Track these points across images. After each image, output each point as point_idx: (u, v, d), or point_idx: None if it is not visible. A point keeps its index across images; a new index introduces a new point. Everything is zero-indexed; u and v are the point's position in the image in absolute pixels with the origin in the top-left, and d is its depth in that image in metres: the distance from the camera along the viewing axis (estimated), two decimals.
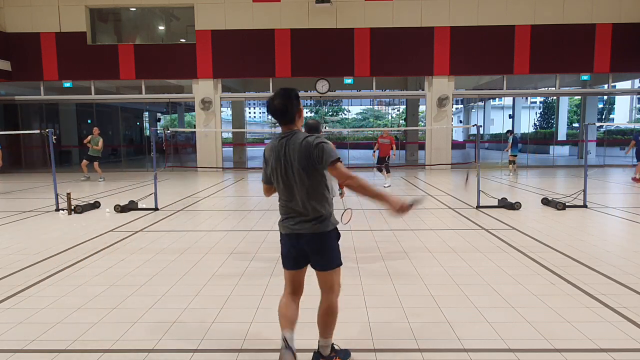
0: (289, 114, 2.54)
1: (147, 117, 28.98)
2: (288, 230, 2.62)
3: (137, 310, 3.72)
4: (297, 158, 2.50)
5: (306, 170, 2.50)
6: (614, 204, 9.07)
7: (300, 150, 2.49)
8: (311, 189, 2.54)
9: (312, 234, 2.56)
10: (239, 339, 3.20)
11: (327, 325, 2.71)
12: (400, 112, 41.20)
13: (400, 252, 5.48)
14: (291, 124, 2.58)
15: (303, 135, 2.55)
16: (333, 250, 2.64)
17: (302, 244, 2.60)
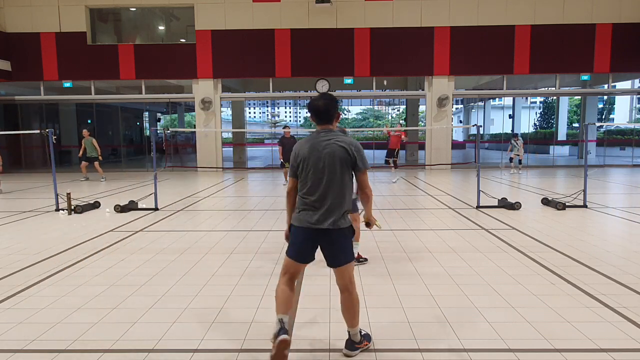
0: (330, 114, 2.84)
1: (147, 117, 28.98)
2: (306, 224, 2.76)
3: (137, 310, 3.72)
4: (334, 155, 2.72)
5: (340, 168, 2.73)
6: (614, 204, 9.07)
7: (339, 148, 2.73)
8: (339, 185, 2.75)
9: (333, 229, 2.74)
10: (239, 339, 3.20)
11: (354, 316, 2.90)
12: (400, 112, 41.20)
13: (400, 252, 5.48)
14: (329, 124, 2.85)
15: (341, 135, 2.80)
16: (349, 245, 2.84)
17: (319, 238, 2.78)
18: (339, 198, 2.76)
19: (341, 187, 2.76)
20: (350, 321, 2.92)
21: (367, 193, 2.84)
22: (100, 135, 22.93)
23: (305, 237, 2.79)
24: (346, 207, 2.79)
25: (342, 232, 2.77)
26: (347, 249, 2.83)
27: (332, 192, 2.74)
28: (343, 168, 2.75)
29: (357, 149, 2.77)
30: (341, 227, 2.76)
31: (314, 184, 2.76)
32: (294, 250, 2.86)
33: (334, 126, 2.91)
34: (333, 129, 2.88)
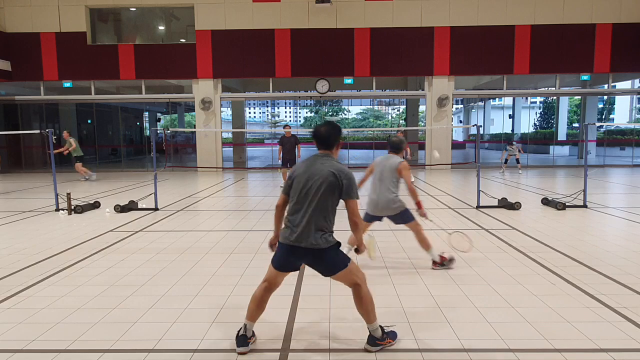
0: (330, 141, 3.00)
1: (147, 117, 28.99)
2: (288, 242, 2.90)
3: (137, 310, 3.72)
4: (324, 180, 2.86)
5: (327, 193, 2.86)
6: (614, 204, 9.07)
7: (330, 175, 2.86)
8: (324, 209, 2.88)
9: (314, 249, 2.86)
10: None
11: (368, 312, 3.02)
12: (400, 112, 41.22)
13: (400, 252, 5.48)
14: (329, 150, 3.01)
15: (337, 163, 2.95)
16: (335, 257, 2.95)
17: (301, 256, 2.92)
18: (320, 221, 2.87)
19: (324, 211, 2.88)
20: (366, 317, 3.03)
21: (355, 222, 2.95)
22: (100, 135, 23.03)
23: (287, 253, 2.94)
24: (327, 229, 2.91)
25: (323, 251, 2.88)
26: (333, 263, 2.94)
27: (315, 214, 2.85)
28: (329, 193, 2.86)
29: (348, 178, 2.88)
30: (322, 247, 2.86)
31: (299, 204, 2.90)
32: (276, 261, 3.01)
33: (334, 154, 3.03)
34: (332, 155, 3.01)
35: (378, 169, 4.86)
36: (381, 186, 4.77)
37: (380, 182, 4.78)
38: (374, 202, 4.81)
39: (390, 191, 4.74)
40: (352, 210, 2.91)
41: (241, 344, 2.98)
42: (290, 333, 3.28)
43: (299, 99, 20.80)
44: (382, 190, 4.76)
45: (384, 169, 4.80)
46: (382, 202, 4.74)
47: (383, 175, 4.78)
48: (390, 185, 4.75)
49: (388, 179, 4.75)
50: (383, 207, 4.76)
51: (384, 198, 4.74)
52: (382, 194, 4.75)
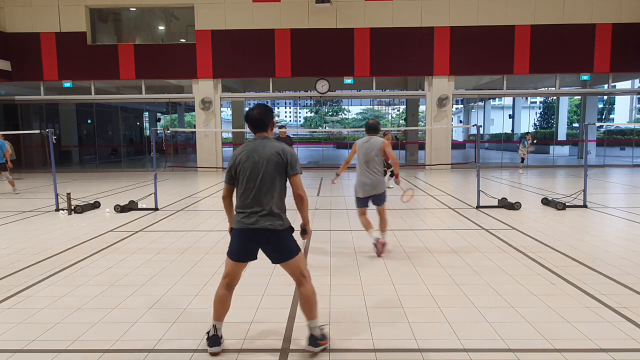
0: (264, 123, 3.03)
1: (147, 117, 28.99)
2: (243, 225, 2.96)
3: (137, 310, 3.72)
4: (269, 161, 2.91)
5: (275, 173, 2.92)
6: (614, 204, 9.07)
7: (274, 154, 2.92)
8: (274, 189, 2.94)
9: (270, 230, 2.91)
10: (239, 339, 3.20)
11: (311, 308, 3.02)
12: (400, 112, 41.22)
13: (400, 252, 5.48)
14: (264, 131, 3.04)
15: (276, 142, 3.01)
16: (289, 241, 3.00)
17: (257, 239, 2.97)
18: (274, 201, 2.93)
19: (276, 191, 2.94)
20: (308, 313, 3.02)
21: (300, 195, 2.96)
22: (100, 135, 23.04)
23: (244, 238, 3.00)
24: (282, 208, 2.98)
25: (278, 233, 2.94)
26: (287, 247, 2.99)
27: (268, 195, 2.92)
28: (277, 173, 2.93)
29: (291, 154, 2.97)
30: (277, 229, 2.92)
31: (250, 188, 2.93)
32: (234, 252, 3.05)
33: (269, 134, 3.09)
34: (268, 136, 3.06)
35: (362, 151, 5.25)
36: (368, 168, 5.20)
37: (368, 164, 5.20)
38: (367, 184, 5.21)
39: (379, 171, 5.21)
40: (297, 184, 2.97)
41: (214, 344, 2.99)
42: (290, 333, 3.28)
43: (299, 99, 20.81)
44: (372, 171, 5.19)
45: (368, 150, 5.21)
46: (375, 182, 5.19)
47: (369, 157, 5.19)
48: (377, 165, 5.21)
49: (375, 160, 5.19)
50: (375, 186, 5.20)
51: (376, 178, 5.19)
52: (373, 175, 5.19)
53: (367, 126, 5.41)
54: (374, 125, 5.38)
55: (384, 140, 5.23)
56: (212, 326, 3.05)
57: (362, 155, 5.23)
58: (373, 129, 5.36)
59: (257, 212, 2.92)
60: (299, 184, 2.97)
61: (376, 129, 5.38)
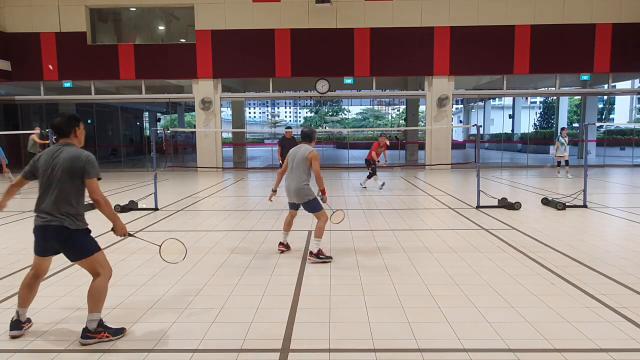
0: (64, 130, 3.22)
1: (147, 117, 28.99)
2: (39, 222, 3.14)
3: (137, 310, 3.72)
4: (62, 166, 3.10)
5: (67, 177, 3.09)
6: (614, 204, 9.07)
7: (68, 160, 3.10)
8: (65, 192, 3.11)
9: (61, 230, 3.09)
10: (239, 339, 3.20)
11: (95, 302, 3.17)
12: (400, 112, 41.22)
13: (400, 252, 5.48)
14: (67, 138, 3.23)
15: (74, 148, 3.19)
16: (82, 243, 3.20)
17: (49, 236, 3.12)
18: (66, 203, 3.11)
19: (67, 194, 3.12)
20: (90, 306, 3.17)
21: (96, 199, 3.18)
22: (100, 135, 23.04)
23: (41, 236, 3.16)
24: (74, 211, 3.15)
25: (70, 233, 3.11)
26: (78, 247, 3.18)
27: (59, 197, 3.10)
28: (69, 177, 3.10)
29: (86, 161, 3.13)
30: (69, 228, 3.10)
31: (45, 190, 3.14)
32: (36, 247, 3.23)
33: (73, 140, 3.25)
34: (71, 142, 3.23)
35: (290, 158, 5.28)
36: (292, 174, 5.18)
37: (291, 171, 5.20)
38: (286, 189, 5.27)
39: (300, 180, 5.11)
40: (92, 189, 3.17)
41: (14, 328, 3.21)
42: (290, 333, 3.28)
43: (299, 99, 20.80)
44: (292, 178, 5.16)
45: (295, 157, 5.20)
46: (293, 189, 5.15)
47: (294, 164, 5.17)
48: (300, 174, 5.12)
49: (299, 168, 5.13)
50: (294, 194, 5.16)
51: (294, 186, 5.13)
52: (292, 182, 5.16)
53: (301, 133, 5.45)
54: (306, 133, 5.38)
55: (312, 151, 5.16)
56: (15, 312, 3.28)
57: (290, 161, 5.26)
58: (306, 137, 5.36)
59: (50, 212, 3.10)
60: (94, 188, 3.16)
61: (309, 137, 5.34)
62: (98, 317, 3.16)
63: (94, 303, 3.16)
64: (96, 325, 3.14)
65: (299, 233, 6.54)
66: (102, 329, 3.16)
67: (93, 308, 3.15)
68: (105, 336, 3.15)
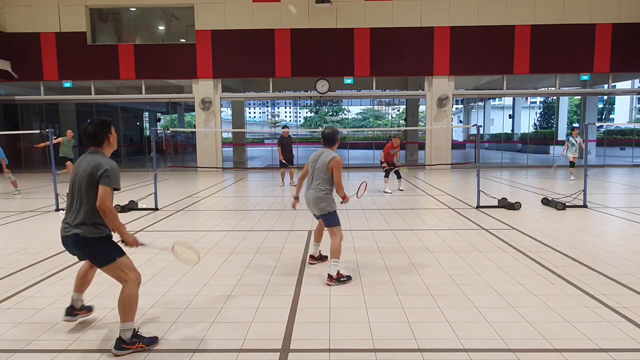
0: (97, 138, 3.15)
1: (147, 117, 28.98)
2: (62, 233, 3.13)
3: (137, 310, 3.71)
4: (84, 174, 3.04)
5: (87, 186, 3.02)
6: (614, 204, 9.07)
7: (89, 168, 3.03)
8: (86, 200, 3.04)
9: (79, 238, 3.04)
10: (239, 339, 3.20)
11: (125, 311, 3.07)
12: (400, 112, 41.22)
13: (400, 252, 5.48)
14: (98, 146, 3.16)
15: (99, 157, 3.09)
16: (100, 251, 3.11)
17: (71, 245, 3.11)
18: (86, 211, 3.04)
19: (87, 202, 3.03)
20: (122, 315, 3.08)
21: (101, 208, 2.97)
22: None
23: (65, 245, 3.16)
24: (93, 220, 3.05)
25: (87, 240, 3.05)
26: (98, 255, 3.12)
27: (81, 205, 3.04)
28: (89, 186, 3.02)
29: (103, 169, 3.00)
30: (86, 237, 3.04)
31: (71, 197, 3.13)
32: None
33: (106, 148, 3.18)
34: (101, 151, 3.15)
35: (311, 164, 4.66)
36: (312, 183, 4.60)
37: (312, 179, 4.62)
38: (305, 198, 4.66)
39: (320, 189, 4.52)
40: (100, 197, 2.98)
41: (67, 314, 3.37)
42: (290, 333, 3.28)
43: (299, 99, 20.80)
44: (312, 186, 4.59)
45: (316, 164, 4.59)
46: (312, 199, 4.55)
47: (315, 172, 4.59)
48: (320, 183, 4.53)
49: (319, 177, 4.54)
50: (312, 204, 4.56)
51: (313, 195, 4.54)
52: (311, 191, 4.57)
53: (323, 136, 4.68)
54: (329, 135, 4.61)
55: (335, 158, 4.47)
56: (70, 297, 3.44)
57: (312, 168, 4.64)
58: (328, 140, 4.63)
59: (72, 222, 3.07)
60: (102, 196, 2.98)
61: (332, 140, 4.62)
62: (132, 327, 3.07)
63: (125, 312, 3.05)
64: (131, 335, 3.04)
65: (299, 233, 6.54)
66: (137, 339, 3.06)
67: (125, 317, 3.05)
68: (140, 346, 3.04)
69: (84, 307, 3.49)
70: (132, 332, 3.07)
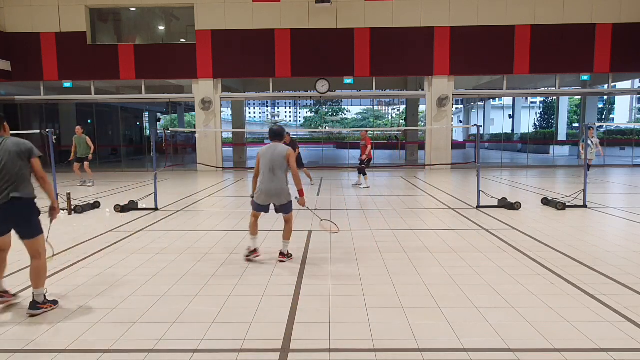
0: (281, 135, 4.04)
1: (147, 117, 28.98)
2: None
3: (137, 310, 3.72)
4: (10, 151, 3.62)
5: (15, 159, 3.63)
6: (614, 204, 9.07)
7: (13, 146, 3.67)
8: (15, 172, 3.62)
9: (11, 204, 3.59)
10: (239, 339, 3.20)
11: (39, 279, 3.70)
12: (400, 112, 41.23)
13: (400, 252, 5.48)
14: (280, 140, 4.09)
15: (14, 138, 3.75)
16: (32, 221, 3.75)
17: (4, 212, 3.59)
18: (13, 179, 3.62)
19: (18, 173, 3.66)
20: (35, 283, 3.68)
21: (42, 177, 3.77)
22: (100, 135, 22.99)
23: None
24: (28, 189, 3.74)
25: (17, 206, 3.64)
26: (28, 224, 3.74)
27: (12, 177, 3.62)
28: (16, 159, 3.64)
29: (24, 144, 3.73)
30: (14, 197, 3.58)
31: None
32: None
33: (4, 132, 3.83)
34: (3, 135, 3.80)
35: (266, 159, 5.00)
36: (273, 175, 4.96)
37: (272, 171, 4.96)
38: (266, 191, 4.99)
39: (283, 180, 5.00)
40: (36, 170, 3.73)
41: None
42: (290, 333, 3.28)
43: (299, 99, 20.80)
44: (274, 179, 4.96)
45: (273, 157, 4.97)
46: (275, 190, 4.96)
47: (274, 165, 4.95)
48: (281, 174, 4.99)
49: (280, 168, 4.96)
50: (275, 195, 4.98)
51: (277, 187, 4.96)
52: (274, 183, 4.95)
53: (272, 133, 5.17)
54: (277, 132, 5.18)
55: (289, 149, 5.01)
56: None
57: (267, 162, 4.99)
58: (278, 135, 5.17)
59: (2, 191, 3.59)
60: (37, 168, 3.72)
61: (281, 136, 5.20)
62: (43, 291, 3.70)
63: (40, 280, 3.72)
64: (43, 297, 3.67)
65: (299, 233, 6.54)
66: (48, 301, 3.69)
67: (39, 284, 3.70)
68: (49, 306, 3.68)
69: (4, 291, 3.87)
70: (43, 295, 3.68)
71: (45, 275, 3.76)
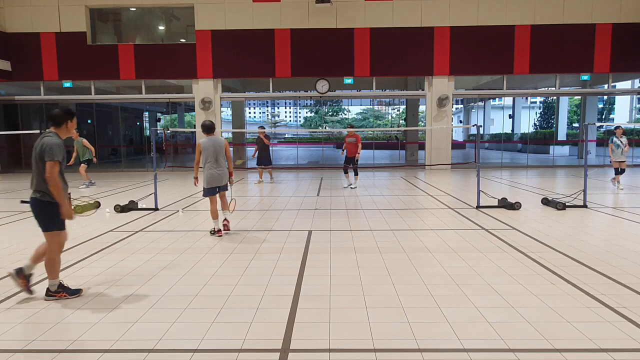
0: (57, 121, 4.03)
1: (147, 117, 28.98)
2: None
3: (137, 310, 3.72)
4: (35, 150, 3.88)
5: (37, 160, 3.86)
6: (614, 204, 9.07)
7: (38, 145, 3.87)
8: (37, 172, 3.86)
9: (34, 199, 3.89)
10: (239, 339, 3.20)
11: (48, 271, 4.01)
12: (400, 112, 41.22)
13: (400, 252, 5.48)
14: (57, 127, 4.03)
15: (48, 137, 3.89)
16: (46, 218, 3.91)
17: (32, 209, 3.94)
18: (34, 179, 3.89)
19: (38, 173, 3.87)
20: (48, 274, 4.02)
21: (47, 179, 3.78)
22: (100, 135, 23.01)
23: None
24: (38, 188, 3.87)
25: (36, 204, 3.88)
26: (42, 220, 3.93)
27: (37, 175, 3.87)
28: (38, 160, 3.86)
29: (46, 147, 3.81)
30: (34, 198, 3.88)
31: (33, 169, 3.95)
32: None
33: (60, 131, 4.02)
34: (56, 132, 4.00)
35: (210, 150, 6.28)
36: (219, 163, 6.36)
37: (217, 160, 6.33)
38: (216, 176, 6.35)
39: (224, 166, 6.42)
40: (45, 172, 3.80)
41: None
42: (290, 333, 3.28)
43: (299, 99, 20.80)
44: (219, 165, 6.35)
45: (216, 148, 6.31)
46: (224, 174, 6.43)
47: (217, 153, 6.32)
48: (224, 161, 6.43)
49: (221, 156, 6.39)
50: (219, 178, 6.37)
51: (223, 172, 6.39)
52: (221, 169, 6.36)
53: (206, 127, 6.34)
54: (210, 126, 6.38)
55: (225, 141, 6.44)
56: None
57: (212, 152, 6.26)
58: (210, 129, 6.37)
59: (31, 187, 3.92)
60: (47, 170, 3.78)
61: (213, 129, 6.41)
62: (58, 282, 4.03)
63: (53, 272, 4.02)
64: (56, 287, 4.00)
65: (299, 233, 6.55)
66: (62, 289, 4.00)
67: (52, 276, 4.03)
68: (62, 295, 3.98)
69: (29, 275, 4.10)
70: (60, 285, 4.02)
71: (54, 268, 3.97)
